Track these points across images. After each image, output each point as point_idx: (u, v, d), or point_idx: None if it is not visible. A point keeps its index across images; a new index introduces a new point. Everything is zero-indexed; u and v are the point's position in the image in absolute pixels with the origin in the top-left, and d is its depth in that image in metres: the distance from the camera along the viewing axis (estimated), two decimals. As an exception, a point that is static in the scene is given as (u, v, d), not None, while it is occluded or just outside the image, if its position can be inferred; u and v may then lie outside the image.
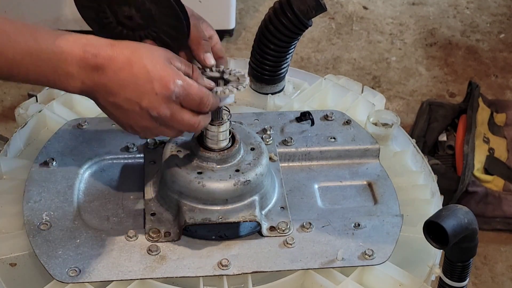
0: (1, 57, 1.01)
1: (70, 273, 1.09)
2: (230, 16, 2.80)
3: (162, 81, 1.04)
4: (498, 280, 2.14)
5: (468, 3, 3.17)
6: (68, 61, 1.03)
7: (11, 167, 1.29)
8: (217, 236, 1.16)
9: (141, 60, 1.04)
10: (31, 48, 1.02)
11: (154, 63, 1.04)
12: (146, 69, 1.04)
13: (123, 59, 1.04)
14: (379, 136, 1.36)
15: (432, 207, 1.25)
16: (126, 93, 1.05)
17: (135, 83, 1.04)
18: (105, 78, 1.04)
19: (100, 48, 1.04)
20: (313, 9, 1.31)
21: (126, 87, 1.04)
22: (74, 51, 1.03)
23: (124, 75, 1.04)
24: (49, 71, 1.04)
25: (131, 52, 1.04)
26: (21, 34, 1.02)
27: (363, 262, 1.14)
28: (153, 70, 1.04)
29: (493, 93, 2.72)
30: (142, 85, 1.04)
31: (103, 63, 1.03)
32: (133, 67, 1.04)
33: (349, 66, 2.83)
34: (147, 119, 1.07)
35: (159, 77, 1.04)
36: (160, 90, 1.04)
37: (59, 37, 1.03)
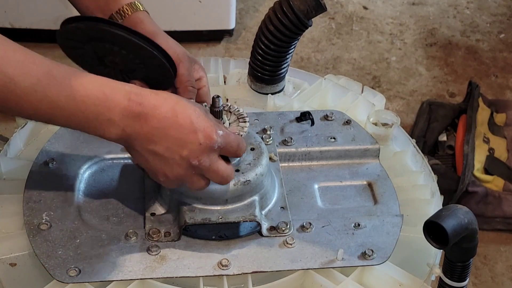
0: (46, 100, 1.01)
1: (70, 273, 1.09)
2: (230, 16, 2.81)
3: (205, 132, 1.06)
4: (498, 280, 2.14)
5: (468, 3, 3.17)
6: (111, 108, 1.03)
7: (11, 167, 1.29)
8: (217, 236, 1.16)
9: (186, 110, 1.05)
10: (76, 93, 1.02)
11: (197, 114, 1.06)
12: (191, 119, 1.05)
13: (167, 109, 1.04)
14: (379, 136, 1.36)
15: (432, 207, 1.25)
16: (169, 142, 1.05)
17: (179, 132, 1.05)
18: (148, 127, 1.05)
19: (145, 96, 1.04)
20: (313, 9, 1.31)
21: (169, 136, 1.05)
22: (119, 98, 1.03)
23: (168, 124, 1.05)
24: (92, 117, 1.03)
25: (175, 102, 1.05)
26: (66, 78, 1.02)
27: (363, 262, 1.14)
28: (197, 121, 1.05)
29: (493, 93, 2.72)
30: (186, 135, 1.05)
31: (148, 112, 1.04)
32: (178, 117, 1.05)
33: (349, 66, 2.83)
34: (184, 168, 1.08)
35: (203, 128, 1.05)
36: (204, 141, 1.06)
37: (104, 84, 1.04)
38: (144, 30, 1.22)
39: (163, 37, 1.23)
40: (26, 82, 0.99)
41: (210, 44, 2.87)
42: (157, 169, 1.09)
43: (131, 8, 1.25)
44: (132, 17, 1.24)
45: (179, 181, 1.10)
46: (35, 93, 1.00)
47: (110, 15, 1.24)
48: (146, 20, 1.25)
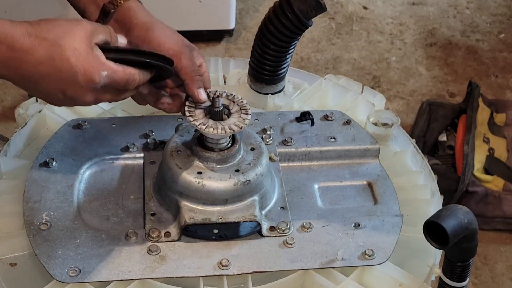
0: None
1: (70, 273, 1.09)
2: (230, 16, 2.81)
3: (86, 74, 1.03)
4: (498, 280, 2.14)
5: (468, 3, 3.17)
6: None
7: (11, 167, 1.29)
8: (217, 236, 1.16)
9: (64, 52, 1.01)
10: None
11: (77, 54, 1.02)
12: (69, 63, 1.02)
13: (42, 53, 1.01)
14: (379, 136, 1.36)
15: (432, 207, 1.25)
16: (49, 84, 1.03)
17: (58, 76, 1.02)
18: (22, 71, 1.02)
19: (15, 39, 1.00)
20: (313, 9, 1.31)
21: (47, 79, 1.02)
22: None
23: (44, 69, 1.01)
24: None
25: (51, 44, 1.01)
26: None
27: (363, 262, 1.14)
28: (77, 63, 1.02)
29: (493, 93, 2.72)
30: (66, 78, 1.02)
31: (20, 57, 1.00)
32: (55, 60, 1.01)
33: (349, 66, 2.83)
34: (70, 102, 1.08)
35: (83, 70, 1.03)
36: (86, 83, 1.04)
37: None
38: (137, 20, 1.20)
39: (160, 27, 1.21)
40: None
41: (210, 44, 2.87)
42: (43, 99, 1.10)
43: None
44: (124, 6, 1.22)
45: None
46: None
47: (103, 4, 1.23)
48: (139, 9, 1.23)
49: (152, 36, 1.18)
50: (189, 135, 1.20)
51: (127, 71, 1.07)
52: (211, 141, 1.16)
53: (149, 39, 1.18)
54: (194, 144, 1.17)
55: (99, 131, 1.32)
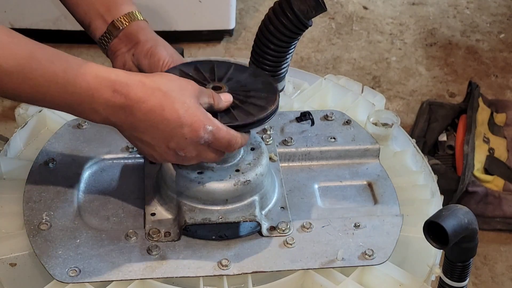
0: (29, 82, 1.00)
1: (70, 273, 1.09)
2: (230, 16, 2.80)
3: (192, 127, 1.05)
4: (498, 280, 2.14)
5: (468, 3, 3.17)
6: (94, 98, 1.03)
7: (11, 167, 1.29)
8: (217, 236, 1.16)
9: (173, 104, 1.04)
10: (59, 79, 1.01)
11: (186, 108, 1.05)
12: (178, 114, 1.04)
13: (154, 103, 1.04)
14: (379, 136, 1.36)
15: (432, 207, 1.25)
16: (154, 133, 1.06)
17: (165, 126, 1.05)
18: (132, 118, 1.04)
19: (131, 88, 1.03)
20: (313, 9, 1.31)
21: (155, 128, 1.05)
22: (102, 90, 1.02)
23: (154, 117, 1.04)
24: (75, 104, 1.03)
25: (163, 94, 1.04)
26: (51, 62, 1.01)
27: (363, 262, 1.14)
28: (185, 115, 1.05)
29: (493, 93, 2.72)
30: (172, 129, 1.05)
31: (133, 105, 1.03)
32: (164, 111, 1.04)
33: (349, 66, 2.83)
34: (172, 156, 1.09)
35: (190, 123, 1.05)
36: (190, 136, 1.06)
37: (88, 70, 1.03)
38: (145, 37, 1.23)
39: (163, 46, 1.24)
40: (9, 64, 0.99)
41: (210, 44, 2.87)
42: (145, 152, 1.10)
43: (130, 17, 1.26)
44: (132, 25, 1.25)
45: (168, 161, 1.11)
46: (17, 75, 1.00)
47: (112, 20, 1.25)
48: (146, 29, 1.26)
49: (155, 51, 1.22)
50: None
51: (231, 132, 1.10)
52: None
53: (151, 53, 1.22)
54: (194, 144, 1.17)
55: (99, 131, 1.32)
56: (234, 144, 1.10)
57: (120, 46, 1.25)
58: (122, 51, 1.24)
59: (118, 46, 1.25)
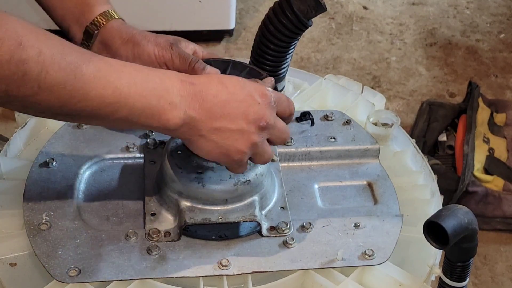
0: (110, 86, 1.00)
1: (70, 273, 1.09)
2: (230, 16, 2.81)
3: (258, 91, 1.08)
4: (498, 280, 2.14)
5: (468, 3, 3.17)
6: (169, 90, 1.03)
7: (11, 167, 1.29)
8: (217, 236, 1.16)
9: (231, 79, 1.08)
10: (136, 78, 1.02)
11: (242, 80, 1.09)
12: (240, 85, 1.07)
13: (216, 82, 1.07)
14: (379, 136, 1.36)
15: (432, 207, 1.25)
16: (231, 113, 1.06)
17: (236, 100, 1.06)
18: (207, 104, 1.05)
19: (193, 77, 1.07)
20: (313, 9, 1.31)
21: (229, 107, 1.06)
22: (172, 80, 1.05)
23: (224, 96, 1.06)
24: (154, 102, 1.03)
25: (217, 76, 1.10)
26: (122, 65, 1.02)
27: (363, 262, 1.14)
28: (245, 85, 1.08)
29: (493, 93, 2.72)
30: (243, 100, 1.07)
31: (202, 89, 1.05)
32: (228, 87, 1.07)
33: (349, 66, 2.83)
34: (255, 134, 1.08)
35: (254, 89, 1.08)
36: (261, 99, 1.08)
37: (152, 70, 1.05)
38: (121, 39, 1.23)
39: (143, 39, 1.23)
40: (90, 69, 0.98)
41: (210, 44, 2.87)
42: (229, 148, 1.08)
43: (105, 17, 1.26)
44: (107, 26, 1.25)
45: (252, 152, 1.10)
46: (98, 79, 0.99)
47: (86, 26, 1.25)
48: (122, 27, 1.26)
49: (140, 51, 1.22)
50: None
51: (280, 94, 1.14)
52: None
53: (138, 55, 1.22)
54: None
55: (99, 131, 1.32)
56: (291, 103, 1.14)
57: (100, 52, 1.23)
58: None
59: (98, 52, 1.22)
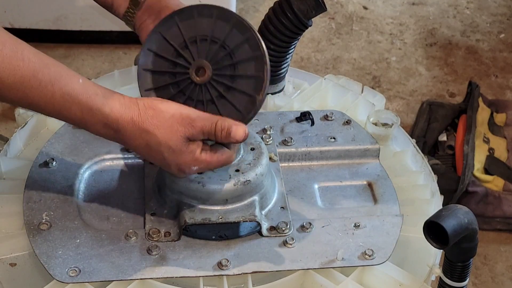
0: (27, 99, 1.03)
1: (70, 273, 1.09)
2: (230, 16, 2.80)
3: (179, 168, 1.11)
4: (498, 280, 2.14)
5: (468, 3, 3.17)
6: (88, 127, 1.08)
7: (11, 167, 1.29)
8: (217, 236, 1.16)
9: (159, 147, 1.08)
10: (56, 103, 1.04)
11: (171, 151, 1.09)
12: (163, 156, 1.09)
13: (141, 142, 1.08)
14: (379, 136, 1.36)
15: (432, 207, 1.25)
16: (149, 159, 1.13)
17: (154, 160, 1.12)
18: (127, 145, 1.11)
19: (120, 126, 1.07)
20: (313, 9, 1.31)
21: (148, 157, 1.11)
22: (94, 123, 1.07)
23: (143, 152, 1.10)
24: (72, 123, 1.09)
25: (151, 136, 1.08)
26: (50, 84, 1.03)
27: (363, 262, 1.14)
28: (169, 158, 1.09)
29: (493, 93, 2.72)
30: (161, 164, 1.12)
31: (123, 139, 1.09)
32: (151, 150, 1.09)
33: (349, 66, 2.83)
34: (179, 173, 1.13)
35: (175, 164, 1.10)
36: (178, 174, 1.12)
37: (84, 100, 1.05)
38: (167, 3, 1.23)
39: None
40: (10, 80, 1.00)
41: (210, 44, 2.87)
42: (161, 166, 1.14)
43: None
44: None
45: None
46: (17, 91, 1.01)
47: None
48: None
49: None
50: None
51: (223, 156, 1.12)
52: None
53: None
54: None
55: (99, 131, 1.32)
56: (230, 162, 1.14)
57: (144, 18, 1.24)
58: (147, 23, 1.24)
59: (142, 18, 1.24)
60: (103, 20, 2.62)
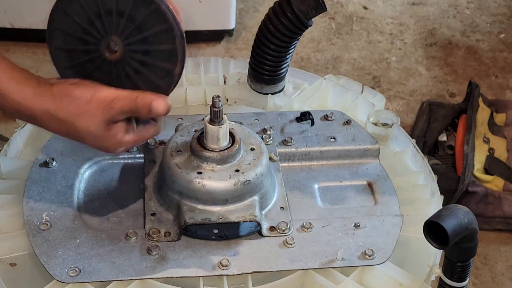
0: None
1: (70, 273, 1.09)
2: (230, 16, 2.80)
3: (105, 150, 1.10)
4: (498, 280, 2.14)
5: (468, 3, 3.17)
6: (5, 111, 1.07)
7: (11, 167, 1.29)
8: (217, 236, 1.16)
9: (80, 134, 1.07)
10: None
11: (93, 137, 1.07)
12: (86, 142, 1.09)
13: (61, 131, 1.08)
14: (379, 136, 1.36)
15: (432, 207, 1.25)
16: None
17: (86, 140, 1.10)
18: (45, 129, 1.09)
19: (37, 115, 1.05)
20: (313, 9, 1.31)
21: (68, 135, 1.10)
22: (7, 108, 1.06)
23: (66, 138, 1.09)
24: None
25: (69, 125, 1.06)
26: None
27: (363, 262, 1.14)
28: (92, 143, 1.09)
29: (493, 93, 2.72)
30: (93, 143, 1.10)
31: (41, 125, 1.07)
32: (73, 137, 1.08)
33: (349, 66, 2.83)
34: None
35: (101, 148, 1.10)
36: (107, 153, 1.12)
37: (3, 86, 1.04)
38: None
39: None
40: None
41: (210, 44, 2.87)
42: None
43: None
44: None
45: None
46: None
47: None
48: None
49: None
50: (189, 135, 1.20)
51: (150, 131, 1.13)
52: (211, 141, 1.16)
53: None
54: (194, 144, 1.17)
55: (99, 131, 1.32)
56: (157, 133, 1.14)
57: None
58: None
59: None
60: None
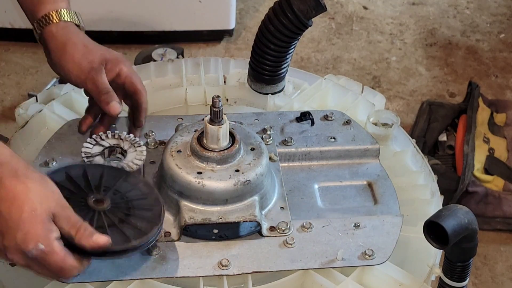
0: None
1: (70, 273, 1.09)
2: (230, 16, 2.80)
3: (25, 236, 1.00)
4: (498, 280, 2.14)
5: (468, 3, 3.17)
6: None
7: (11, 167, 1.28)
8: (217, 236, 1.16)
9: (23, 205, 1.00)
10: None
11: (31, 216, 1.00)
12: (21, 216, 1.00)
13: (8, 194, 1.01)
14: (379, 136, 1.36)
15: (432, 207, 1.25)
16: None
17: (5, 220, 1.00)
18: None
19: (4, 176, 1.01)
20: (313, 9, 1.31)
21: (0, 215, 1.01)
22: None
23: (4, 206, 1.01)
24: None
25: (27, 190, 1.01)
26: None
27: (363, 262, 1.14)
28: (25, 221, 1.00)
29: (493, 93, 2.72)
30: (9, 227, 1.00)
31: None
32: (13, 205, 1.01)
33: (349, 66, 2.83)
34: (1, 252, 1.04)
35: (26, 231, 1.00)
36: (20, 243, 1.00)
37: None
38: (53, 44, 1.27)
39: (71, 53, 1.26)
40: None
41: (210, 44, 2.87)
42: None
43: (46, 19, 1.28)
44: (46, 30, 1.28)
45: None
46: None
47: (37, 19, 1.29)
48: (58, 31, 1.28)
49: (63, 63, 1.26)
50: (189, 135, 1.20)
51: (67, 262, 1.03)
52: (211, 141, 1.16)
53: (61, 65, 1.27)
54: (194, 144, 1.17)
55: (99, 131, 1.32)
56: (66, 274, 1.04)
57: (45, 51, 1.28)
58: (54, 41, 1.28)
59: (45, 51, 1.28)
60: (103, 21, 2.62)
